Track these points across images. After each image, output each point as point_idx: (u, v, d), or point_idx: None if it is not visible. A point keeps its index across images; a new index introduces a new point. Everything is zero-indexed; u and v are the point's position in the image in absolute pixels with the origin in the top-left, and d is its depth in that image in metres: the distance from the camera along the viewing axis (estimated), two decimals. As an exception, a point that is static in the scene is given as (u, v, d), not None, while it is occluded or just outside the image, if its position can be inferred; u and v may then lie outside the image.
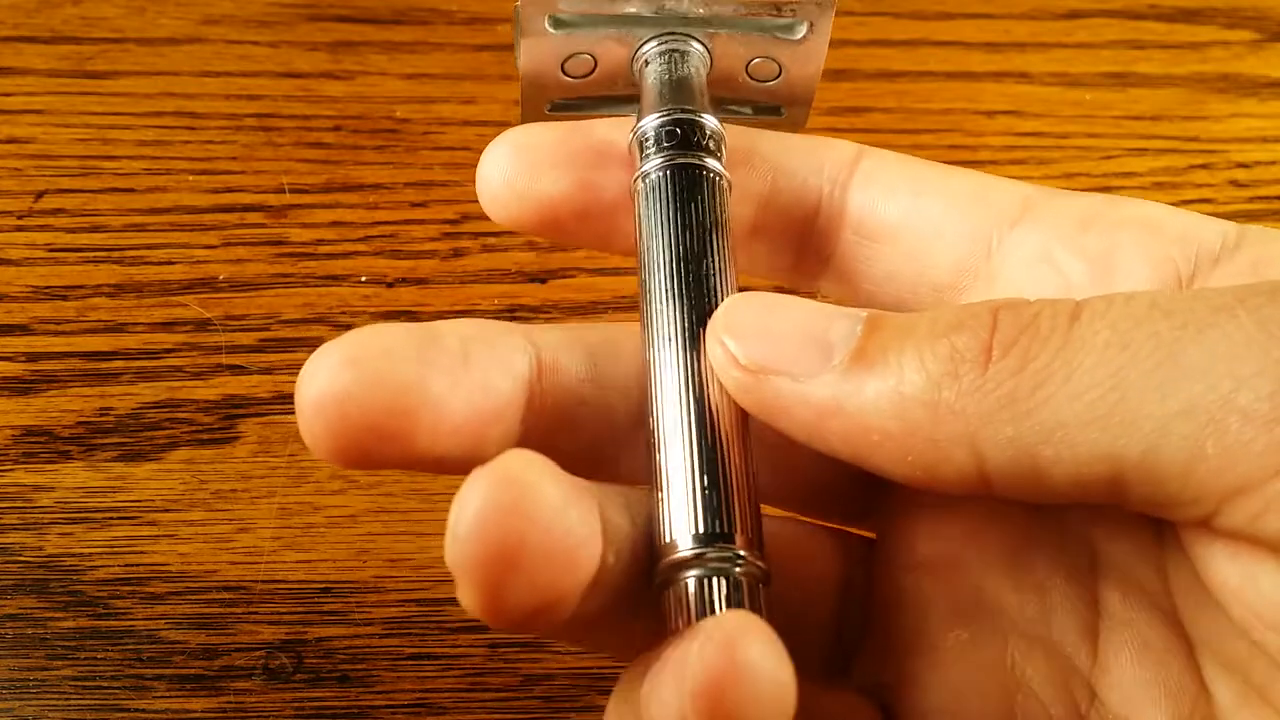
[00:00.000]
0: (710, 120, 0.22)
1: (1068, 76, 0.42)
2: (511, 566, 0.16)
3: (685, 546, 0.18)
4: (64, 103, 0.39)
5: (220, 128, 0.39)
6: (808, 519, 0.23)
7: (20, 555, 0.30)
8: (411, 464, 0.19)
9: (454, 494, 0.31)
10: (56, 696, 0.28)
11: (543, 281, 0.36)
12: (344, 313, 0.35)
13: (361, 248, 0.36)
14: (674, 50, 0.23)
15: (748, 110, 0.26)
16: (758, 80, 0.25)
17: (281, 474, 0.32)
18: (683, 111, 0.22)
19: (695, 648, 0.16)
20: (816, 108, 0.25)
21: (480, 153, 0.22)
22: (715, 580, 0.18)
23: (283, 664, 0.29)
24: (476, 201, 0.22)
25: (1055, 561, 0.21)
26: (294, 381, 0.31)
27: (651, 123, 0.22)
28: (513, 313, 0.35)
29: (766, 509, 0.20)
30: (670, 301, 0.20)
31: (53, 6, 0.42)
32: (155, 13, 0.42)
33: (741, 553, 0.18)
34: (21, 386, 0.33)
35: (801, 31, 0.24)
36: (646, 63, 0.24)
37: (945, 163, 0.23)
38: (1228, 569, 0.18)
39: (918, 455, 0.18)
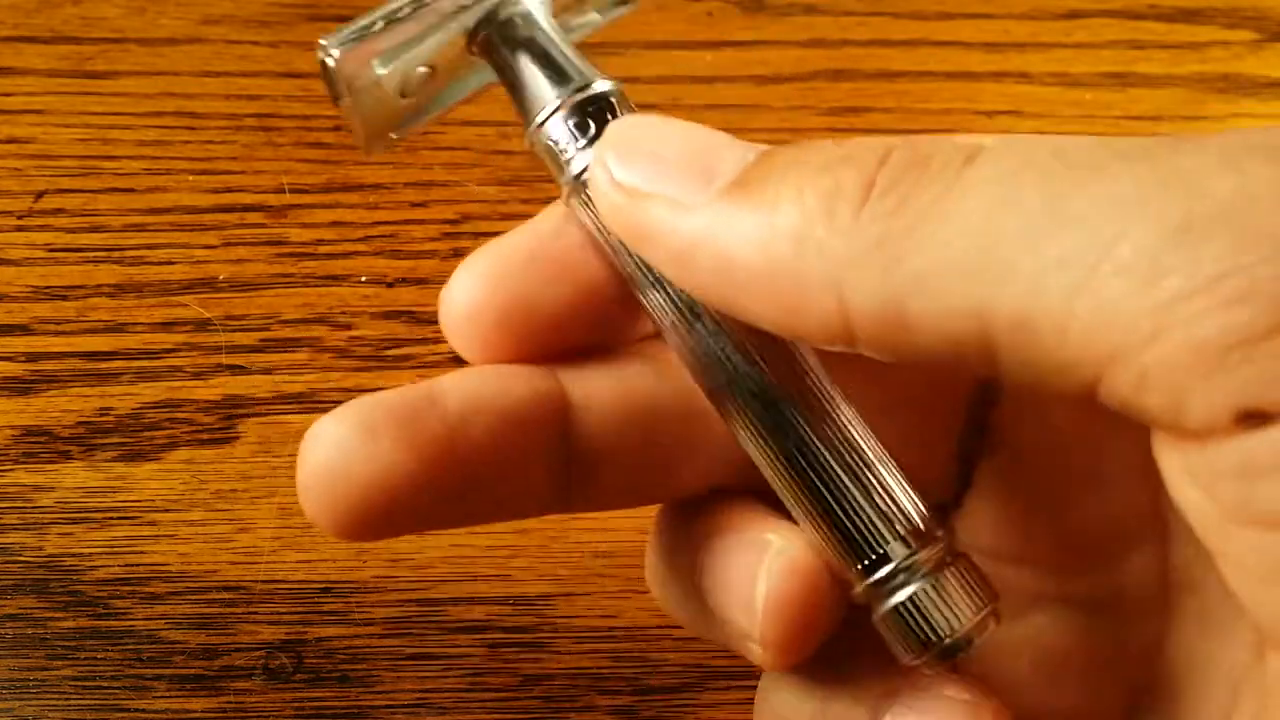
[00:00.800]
0: (603, 84, 0.20)
1: (1068, 76, 0.42)
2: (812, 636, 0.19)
3: (879, 568, 0.18)
4: (64, 103, 0.39)
5: (220, 128, 0.39)
6: None
7: (20, 555, 0.30)
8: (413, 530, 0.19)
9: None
10: (56, 696, 0.28)
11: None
12: (344, 313, 0.35)
13: (361, 248, 0.36)
14: (512, 17, 0.21)
15: (595, 15, 0.23)
16: None
17: (281, 474, 0.32)
18: (575, 92, 0.20)
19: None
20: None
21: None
22: (922, 589, 0.18)
23: (283, 664, 0.29)
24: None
25: (1136, 534, 0.20)
26: (294, 381, 0.31)
27: (554, 124, 0.20)
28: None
29: None
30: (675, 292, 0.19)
31: (53, 6, 0.42)
32: (155, 13, 0.42)
33: (922, 552, 0.18)
34: (21, 386, 0.33)
35: None
36: (492, 47, 0.21)
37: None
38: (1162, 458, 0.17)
39: (781, 297, 0.16)
